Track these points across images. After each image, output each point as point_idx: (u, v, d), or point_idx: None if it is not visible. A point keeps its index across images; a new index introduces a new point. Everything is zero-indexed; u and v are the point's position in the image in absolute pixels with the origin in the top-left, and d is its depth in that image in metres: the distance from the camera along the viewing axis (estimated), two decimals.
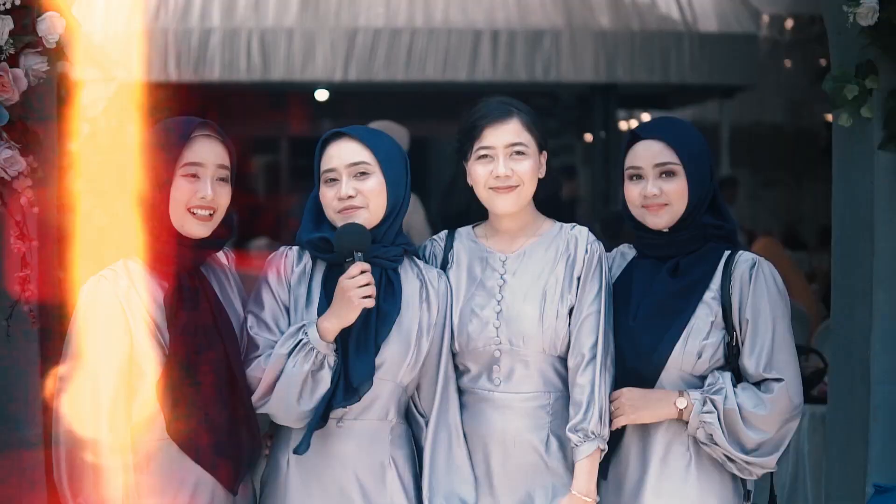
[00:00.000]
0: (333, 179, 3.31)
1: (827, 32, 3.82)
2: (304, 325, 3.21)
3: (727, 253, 3.40)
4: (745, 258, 3.39)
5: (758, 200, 13.56)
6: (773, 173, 13.97)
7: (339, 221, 3.29)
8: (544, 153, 3.46)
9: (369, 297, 3.17)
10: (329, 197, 3.31)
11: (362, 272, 3.17)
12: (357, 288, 3.15)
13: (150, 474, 3.17)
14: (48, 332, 3.57)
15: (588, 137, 12.86)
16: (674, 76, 10.47)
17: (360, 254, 3.19)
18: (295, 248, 3.37)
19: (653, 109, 14.00)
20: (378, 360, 3.24)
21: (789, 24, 11.67)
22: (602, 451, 3.34)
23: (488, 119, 3.40)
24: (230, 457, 3.23)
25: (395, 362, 3.27)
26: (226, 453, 3.22)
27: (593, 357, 3.34)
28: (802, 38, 11.56)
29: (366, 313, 3.20)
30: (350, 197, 3.28)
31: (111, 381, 3.12)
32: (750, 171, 13.78)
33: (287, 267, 3.33)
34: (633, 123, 14.56)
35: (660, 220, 3.41)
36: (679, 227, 3.41)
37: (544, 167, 3.46)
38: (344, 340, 3.21)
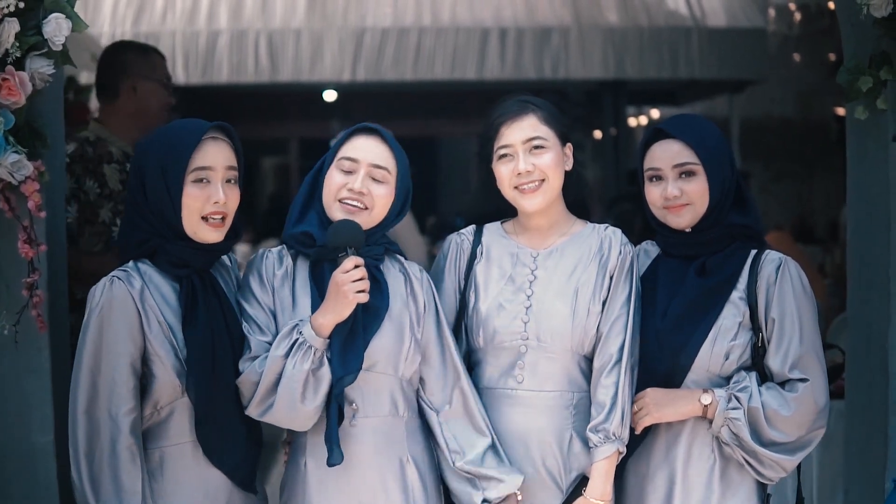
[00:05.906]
0: (350, 171, 3.28)
1: (839, 24, 3.79)
2: (297, 325, 3.17)
3: (753, 252, 3.38)
4: (771, 258, 3.36)
5: (769, 194, 13.52)
6: (783, 167, 13.94)
7: (336, 211, 3.26)
8: (569, 145, 3.44)
9: (363, 291, 3.14)
10: (337, 183, 3.27)
11: (356, 266, 3.14)
12: (352, 282, 3.12)
13: (164, 479, 3.15)
14: (58, 337, 3.55)
15: (598, 134, 12.83)
16: (683, 71, 10.44)
17: (351, 249, 3.16)
18: (274, 249, 3.34)
19: (662, 105, 13.98)
20: (373, 357, 3.20)
21: (797, 17, 11.64)
22: (621, 453, 3.31)
23: (504, 118, 3.39)
24: (246, 459, 3.22)
25: (390, 354, 3.24)
26: (243, 455, 3.21)
27: (619, 359, 3.32)
28: (811, 31, 11.53)
29: (355, 309, 3.16)
30: (360, 193, 3.25)
31: (127, 383, 3.10)
32: (760, 165, 13.76)
33: (268, 269, 3.29)
34: (643, 120, 14.54)
35: (682, 221, 3.38)
36: (702, 226, 3.38)
37: (571, 159, 3.44)
38: (333, 335, 3.17)
